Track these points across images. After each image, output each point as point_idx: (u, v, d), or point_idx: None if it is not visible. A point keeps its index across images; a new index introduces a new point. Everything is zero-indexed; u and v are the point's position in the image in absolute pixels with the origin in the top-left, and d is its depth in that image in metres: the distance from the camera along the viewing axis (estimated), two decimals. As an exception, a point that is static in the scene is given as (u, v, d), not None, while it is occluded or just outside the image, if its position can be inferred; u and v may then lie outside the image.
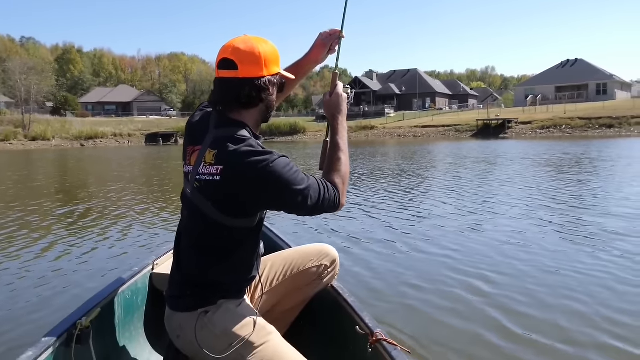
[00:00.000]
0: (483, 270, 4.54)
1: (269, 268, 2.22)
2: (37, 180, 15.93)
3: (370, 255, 5.18)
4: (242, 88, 1.73)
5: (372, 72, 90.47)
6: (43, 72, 65.28)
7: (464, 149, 26.15)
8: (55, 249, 5.95)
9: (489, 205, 8.04)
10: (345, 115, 2.02)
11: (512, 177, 11.92)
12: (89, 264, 5.20)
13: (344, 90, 2.05)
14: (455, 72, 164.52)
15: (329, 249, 2.32)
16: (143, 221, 7.58)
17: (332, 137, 1.97)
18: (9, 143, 52.00)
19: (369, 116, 68.80)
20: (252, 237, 1.86)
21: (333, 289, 2.31)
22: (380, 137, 50.84)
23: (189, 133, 1.91)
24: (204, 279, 1.81)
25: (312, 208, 1.73)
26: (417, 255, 5.19)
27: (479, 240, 5.75)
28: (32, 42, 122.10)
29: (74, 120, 64.97)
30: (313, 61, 2.23)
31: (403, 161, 18.75)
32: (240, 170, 1.65)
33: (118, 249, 5.82)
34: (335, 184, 1.83)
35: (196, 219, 1.80)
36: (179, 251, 1.90)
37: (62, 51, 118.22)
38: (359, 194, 9.92)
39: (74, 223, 7.65)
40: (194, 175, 1.76)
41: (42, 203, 9.93)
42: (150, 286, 2.57)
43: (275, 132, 58.04)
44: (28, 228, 7.28)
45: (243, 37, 1.79)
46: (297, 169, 1.71)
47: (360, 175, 13.53)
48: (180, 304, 1.84)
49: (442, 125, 51.90)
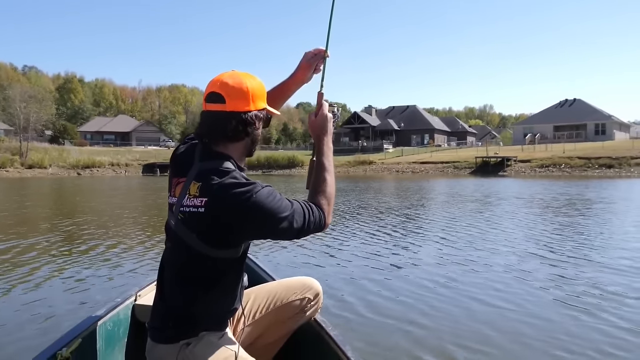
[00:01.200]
0: (457, 325, 4.14)
1: (252, 300, 2.21)
2: (25, 208, 15.67)
3: (354, 289, 5.14)
4: (229, 121, 1.76)
5: (371, 108, 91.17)
6: (43, 101, 65.47)
7: (462, 186, 25.77)
8: (37, 277, 5.85)
9: (476, 247, 7.50)
10: (331, 136, 2.03)
11: (507, 218, 11.34)
12: (71, 293, 5.11)
13: (329, 110, 2.05)
14: (453, 109, 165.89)
15: (313, 282, 2.33)
16: (128, 251, 7.44)
17: (318, 157, 1.98)
18: (5, 170, 51.82)
19: (368, 151, 68.88)
20: (236, 268, 1.87)
21: (316, 323, 2.30)
22: (379, 173, 50.68)
23: (174, 165, 1.92)
24: (187, 310, 1.81)
25: (297, 232, 1.75)
26: (400, 291, 5.10)
27: (458, 290, 5.18)
28: (34, 71, 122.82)
29: (71, 149, 64.95)
30: (299, 82, 2.22)
31: (397, 197, 18.41)
32: (225, 201, 1.67)
33: (101, 279, 5.74)
34: (320, 205, 1.85)
35: (180, 250, 1.80)
36: (162, 282, 1.89)
37: (63, 80, 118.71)
38: (346, 229, 9.74)
39: (57, 252, 7.51)
40: (179, 207, 1.77)
41: (27, 231, 9.72)
42: (133, 317, 2.54)
43: (274, 165, 58.05)
44: (10, 255, 7.22)
45: (231, 72, 1.83)
46: (280, 197, 1.73)
47: (350, 210, 13.27)
48: (162, 336, 1.83)
49: (441, 162, 51.82)
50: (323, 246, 7.64)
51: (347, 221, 10.98)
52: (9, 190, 26.10)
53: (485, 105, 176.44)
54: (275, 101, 2.08)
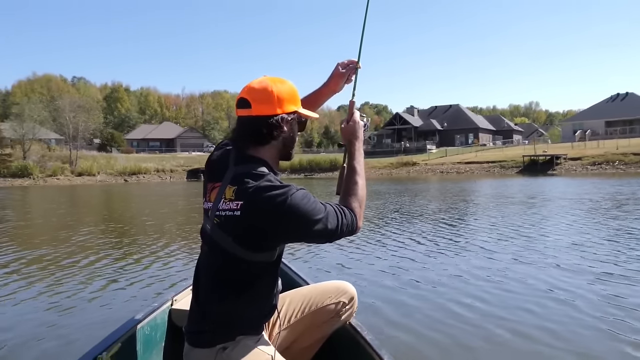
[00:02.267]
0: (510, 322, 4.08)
1: (287, 305, 2.22)
2: (71, 214, 15.85)
3: (390, 293, 5.05)
4: (255, 125, 1.80)
5: (413, 108, 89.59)
6: (90, 110, 67.33)
7: (509, 186, 24.73)
8: (77, 281, 5.98)
9: (518, 258, 6.74)
10: (362, 142, 2.08)
11: (555, 222, 10.18)
12: (110, 297, 5.22)
13: (360, 118, 2.10)
14: (497, 108, 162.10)
15: (347, 285, 2.33)
16: (167, 256, 7.54)
17: (349, 161, 2.02)
18: (56, 178, 53.52)
19: (410, 152, 67.86)
20: (271, 272, 1.89)
21: (351, 327, 2.29)
22: (422, 174, 49.75)
23: (209, 170, 1.95)
24: (223, 314, 1.83)
25: (331, 235, 1.77)
26: (434, 297, 4.90)
27: (509, 291, 5.02)
28: (83, 81, 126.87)
29: (118, 156, 66.56)
30: (331, 91, 2.29)
31: (438, 199, 17.68)
32: (260, 204, 1.69)
33: (139, 284, 5.81)
34: (352, 208, 1.87)
35: (216, 254, 1.82)
36: (198, 287, 1.91)
37: (110, 90, 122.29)
38: (382, 232, 9.44)
39: (97, 256, 7.65)
40: (214, 211, 1.79)
41: (71, 236, 9.87)
42: (169, 322, 2.57)
43: (315, 168, 57.87)
44: (53, 260, 7.36)
45: (260, 78, 1.85)
46: (314, 199, 1.74)
47: (387, 213, 12.81)
48: (199, 340, 1.85)
49: (487, 162, 50.42)
50: (357, 250, 7.45)
51: (383, 224, 10.62)
52: (58, 197, 26.73)
53: (531, 102, 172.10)
54: (308, 108, 2.07)
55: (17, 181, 50.85)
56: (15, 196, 28.33)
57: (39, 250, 8.39)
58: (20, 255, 7.84)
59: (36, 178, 52.37)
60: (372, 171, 54.64)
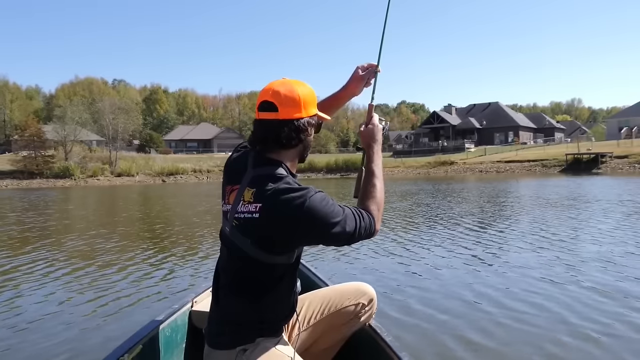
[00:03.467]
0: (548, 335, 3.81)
1: (307, 306, 2.21)
2: (103, 213, 15.92)
3: (409, 295, 4.95)
4: (282, 129, 1.78)
5: (450, 107, 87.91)
6: (129, 112, 68.52)
7: (552, 186, 23.69)
8: (101, 280, 6.04)
9: (574, 264, 6.23)
10: (380, 145, 2.07)
11: (602, 228, 8.97)
12: (130, 298, 5.21)
13: (379, 122, 2.10)
14: (538, 105, 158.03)
15: (367, 287, 2.31)
16: (190, 257, 7.54)
17: (368, 164, 2.02)
18: (96, 179, 54.60)
19: (448, 151, 66.69)
20: (290, 274, 1.88)
21: (371, 328, 2.27)
22: (460, 173, 48.69)
23: (227, 173, 1.96)
24: (243, 316, 1.83)
25: (349, 238, 1.76)
26: (462, 300, 4.75)
27: (548, 302, 4.63)
28: (123, 84, 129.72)
29: (156, 157, 67.55)
30: (350, 94, 2.30)
31: (472, 199, 16.92)
32: (279, 207, 1.69)
33: (160, 285, 5.79)
34: (370, 211, 1.86)
35: (234, 256, 1.83)
36: (218, 289, 1.92)
37: (149, 92, 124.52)
38: (407, 232, 9.32)
39: (116, 257, 7.70)
40: (233, 214, 1.80)
41: (96, 236, 9.94)
42: (190, 323, 2.58)
43: (351, 168, 57.39)
44: (78, 260, 7.52)
45: (282, 80, 1.84)
46: (332, 202, 1.74)
47: (418, 213, 12.22)
48: (218, 342, 1.86)
49: (527, 160, 49.08)
50: (378, 251, 7.32)
51: (408, 225, 10.31)
52: (95, 197, 27.09)
53: (573, 99, 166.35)
54: (327, 111, 2.12)
55: (59, 182, 52.08)
56: (59, 196, 28.80)
57: (61, 249, 8.36)
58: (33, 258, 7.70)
59: (77, 179, 53.56)
60: (409, 170, 53.89)
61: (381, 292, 4.58)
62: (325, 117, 1.94)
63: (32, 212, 16.93)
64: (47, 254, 7.96)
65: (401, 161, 60.69)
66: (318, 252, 7.06)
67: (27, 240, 9.82)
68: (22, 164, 54.82)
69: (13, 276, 6.45)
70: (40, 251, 8.32)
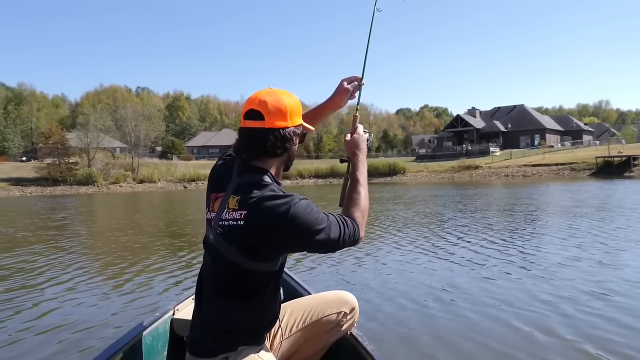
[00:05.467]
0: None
1: (289, 315, 2.21)
2: (116, 220, 15.49)
3: (391, 304, 4.87)
4: (268, 137, 1.80)
5: (474, 110, 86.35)
6: (151, 119, 68.85)
7: (582, 191, 22.63)
8: (81, 288, 5.98)
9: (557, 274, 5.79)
10: (365, 154, 2.12)
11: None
12: (112, 306, 5.14)
13: (363, 132, 2.16)
14: (564, 108, 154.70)
15: (348, 295, 2.32)
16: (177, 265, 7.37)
17: (352, 173, 2.05)
18: (118, 185, 54.77)
19: (473, 155, 65.45)
20: (273, 282, 1.90)
21: (352, 337, 2.28)
22: (486, 177, 47.56)
23: (212, 180, 1.96)
24: (225, 324, 1.84)
25: (333, 245, 1.78)
26: (445, 308, 4.65)
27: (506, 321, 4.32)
28: (146, 91, 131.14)
29: (178, 163, 67.74)
30: (335, 106, 2.33)
31: (481, 203, 16.02)
32: (264, 214, 1.70)
33: (141, 293, 5.72)
34: (354, 218, 1.89)
35: (218, 264, 1.84)
36: (201, 296, 1.92)
37: (172, 99, 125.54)
38: (387, 240, 9.00)
39: (104, 264, 7.72)
40: (217, 221, 1.81)
41: (88, 243, 9.73)
42: (171, 331, 2.55)
43: (374, 173, 56.58)
44: (60, 267, 7.43)
45: (269, 90, 1.88)
46: (317, 209, 1.76)
47: (436, 221, 11.49)
48: (200, 350, 1.86)
49: (555, 164, 47.76)
50: (360, 259, 7.18)
51: (415, 233, 9.59)
52: (118, 203, 26.87)
53: (601, 101, 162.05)
54: (311, 122, 2.13)
55: (82, 188, 52.34)
56: (82, 202, 28.71)
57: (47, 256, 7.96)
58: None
59: (100, 185, 53.78)
60: (433, 175, 53.00)
61: (363, 300, 4.49)
62: (309, 127, 1.95)
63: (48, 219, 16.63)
64: (76, 260, 7.57)
65: (424, 166, 59.76)
66: (300, 260, 6.96)
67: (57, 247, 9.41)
68: (46, 171, 55.28)
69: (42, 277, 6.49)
70: (69, 255, 8.03)
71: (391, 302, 4.93)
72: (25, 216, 19.28)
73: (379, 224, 11.74)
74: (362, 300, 3.79)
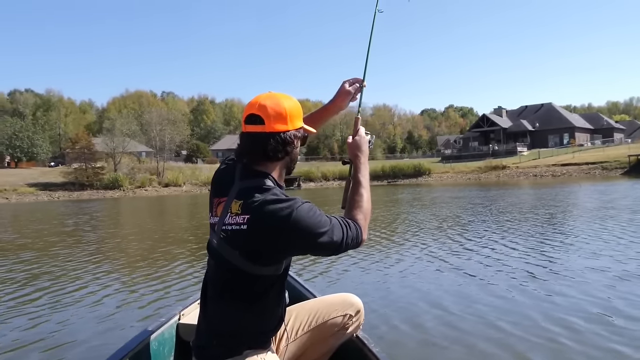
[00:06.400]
0: None
1: (294, 318, 2.20)
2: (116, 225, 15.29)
3: (397, 306, 4.76)
4: (269, 141, 1.80)
5: (501, 109, 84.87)
6: (176, 123, 69.36)
7: (615, 191, 21.78)
8: (87, 294, 5.85)
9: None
10: (367, 156, 2.12)
11: None
12: (119, 312, 5.03)
13: (365, 134, 2.16)
14: (593, 105, 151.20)
15: (354, 298, 2.31)
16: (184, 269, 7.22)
17: (355, 175, 2.06)
18: (144, 189, 55.22)
19: (499, 155, 64.34)
20: (278, 285, 1.89)
21: (358, 340, 2.28)
22: (514, 178, 46.58)
23: (214, 185, 1.97)
24: (230, 328, 1.84)
25: (337, 248, 1.78)
26: (450, 311, 4.50)
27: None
28: (172, 96, 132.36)
29: (203, 167, 68.08)
30: (337, 108, 2.34)
31: (501, 205, 15.30)
32: (266, 218, 1.70)
33: (149, 298, 5.60)
34: (356, 220, 1.89)
35: (222, 268, 1.84)
36: (206, 301, 1.93)
37: (197, 103, 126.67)
38: (394, 242, 8.68)
39: (110, 268, 7.64)
40: (221, 226, 1.81)
41: (100, 245, 9.52)
42: (177, 336, 2.56)
43: (399, 174, 56.07)
44: (65, 272, 7.34)
45: (268, 94, 1.88)
46: (319, 212, 1.77)
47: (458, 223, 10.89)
48: (206, 355, 1.87)
49: (586, 163, 46.58)
50: (366, 261, 6.99)
51: (427, 237, 8.95)
52: (137, 207, 26.99)
53: (631, 98, 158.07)
54: (314, 124, 2.16)
55: (109, 193, 52.93)
56: (107, 206, 28.89)
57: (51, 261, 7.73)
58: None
59: (126, 189, 54.30)
60: (459, 176, 52.18)
61: (369, 303, 4.24)
62: (311, 130, 1.96)
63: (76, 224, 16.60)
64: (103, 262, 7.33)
65: (450, 166, 58.93)
66: (305, 264, 6.82)
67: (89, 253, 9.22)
68: (73, 176, 56.03)
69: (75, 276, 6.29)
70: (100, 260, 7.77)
71: (397, 305, 4.80)
72: (53, 219, 19.34)
73: (388, 226, 11.36)
74: (368, 302, 3.46)
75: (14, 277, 7.13)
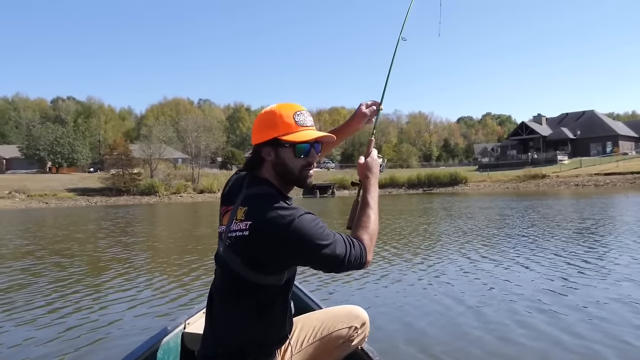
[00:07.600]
0: None
1: (299, 329, 2.19)
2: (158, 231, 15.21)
3: (402, 318, 4.68)
4: (253, 153, 1.94)
5: (540, 117, 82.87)
6: (212, 130, 69.99)
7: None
8: (90, 303, 5.73)
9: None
10: (377, 178, 2.12)
11: None
12: (124, 321, 4.90)
13: (377, 156, 2.17)
14: (637, 113, 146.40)
15: (359, 310, 2.31)
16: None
17: (364, 195, 2.05)
18: (179, 195, 55.72)
19: (539, 164, 62.70)
20: (282, 296, 1.89)
21: (363, 352, 2.28)
22: (554, 187, 45.13)
23: (224, 195, 2.00)
24: (235, 338, 1.84)
25: (339, 263, 1.76)
26: (454, 322, 4.46)
27: None
28: (208, 103, 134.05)
29: (237, 174, 68.30)
30: (353, 129, 2.41)
31: (512, 213, 14.45)
32: (267, 225, 1.70)
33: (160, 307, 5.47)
34: (362, 240, 1.87)
35: (227, 277, 1.85)
36: (211, 310, 1.93)
37: (232, 110, 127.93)
38: (398, 255, 8.40)
39: (119, 275, 7.53)
40: (227, 233, 1.83)
41: (110, 251, 9.18)
42: (182, 345, 2.54)
43: (435, 183, 55.13)
44: (75, 279, 7.23)
45: (266, 108, 1.96)
46: (323, 225, 1.76)
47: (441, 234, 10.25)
48: None
49: (631, 172, 44.93)
50: (372, 274, 6.79)
51: (411, 247, 8.27)
52: (172, 213, 27.03)
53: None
54: (338, 137, 2.29)
55: (145, 198, 53.65)
56: (142, 211, 29.11)
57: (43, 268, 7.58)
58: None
59: (162, 195, 54.92)
60: (496, 185, 50.96)
61: (374, 315, 4.09)
62: (291, 138, 1.85)
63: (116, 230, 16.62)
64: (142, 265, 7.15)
65: (487, 175, 57.68)
66: (311, 275, 6.72)
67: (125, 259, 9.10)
68: (110, 182, 57.12)
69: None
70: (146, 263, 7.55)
71: (404, 320, 4.67)
72: (89, 223, 19.47)
73: (405, 238, 10.85)
74: (373, 315, 3.28)
75: (14, 278, 7.11)
